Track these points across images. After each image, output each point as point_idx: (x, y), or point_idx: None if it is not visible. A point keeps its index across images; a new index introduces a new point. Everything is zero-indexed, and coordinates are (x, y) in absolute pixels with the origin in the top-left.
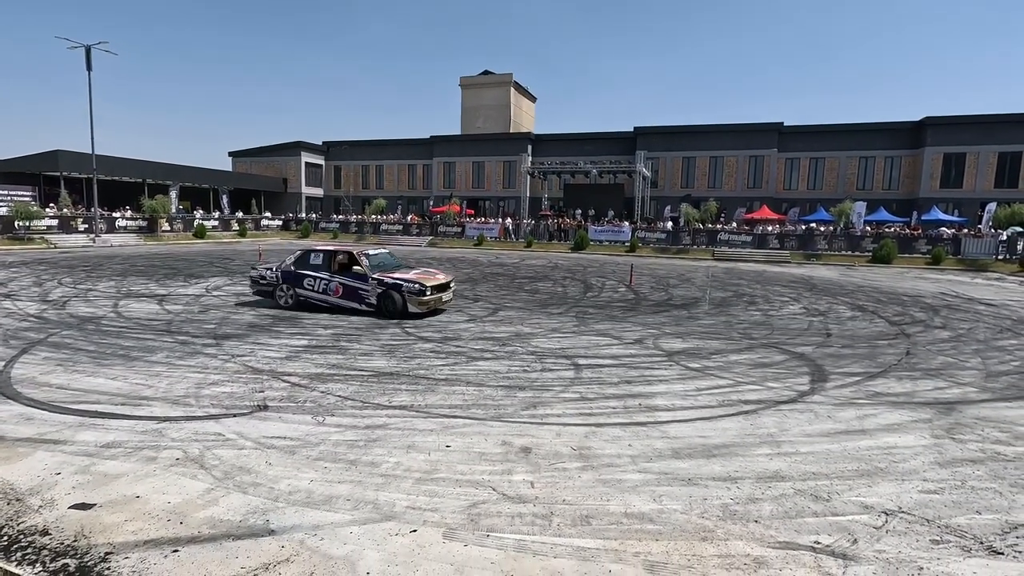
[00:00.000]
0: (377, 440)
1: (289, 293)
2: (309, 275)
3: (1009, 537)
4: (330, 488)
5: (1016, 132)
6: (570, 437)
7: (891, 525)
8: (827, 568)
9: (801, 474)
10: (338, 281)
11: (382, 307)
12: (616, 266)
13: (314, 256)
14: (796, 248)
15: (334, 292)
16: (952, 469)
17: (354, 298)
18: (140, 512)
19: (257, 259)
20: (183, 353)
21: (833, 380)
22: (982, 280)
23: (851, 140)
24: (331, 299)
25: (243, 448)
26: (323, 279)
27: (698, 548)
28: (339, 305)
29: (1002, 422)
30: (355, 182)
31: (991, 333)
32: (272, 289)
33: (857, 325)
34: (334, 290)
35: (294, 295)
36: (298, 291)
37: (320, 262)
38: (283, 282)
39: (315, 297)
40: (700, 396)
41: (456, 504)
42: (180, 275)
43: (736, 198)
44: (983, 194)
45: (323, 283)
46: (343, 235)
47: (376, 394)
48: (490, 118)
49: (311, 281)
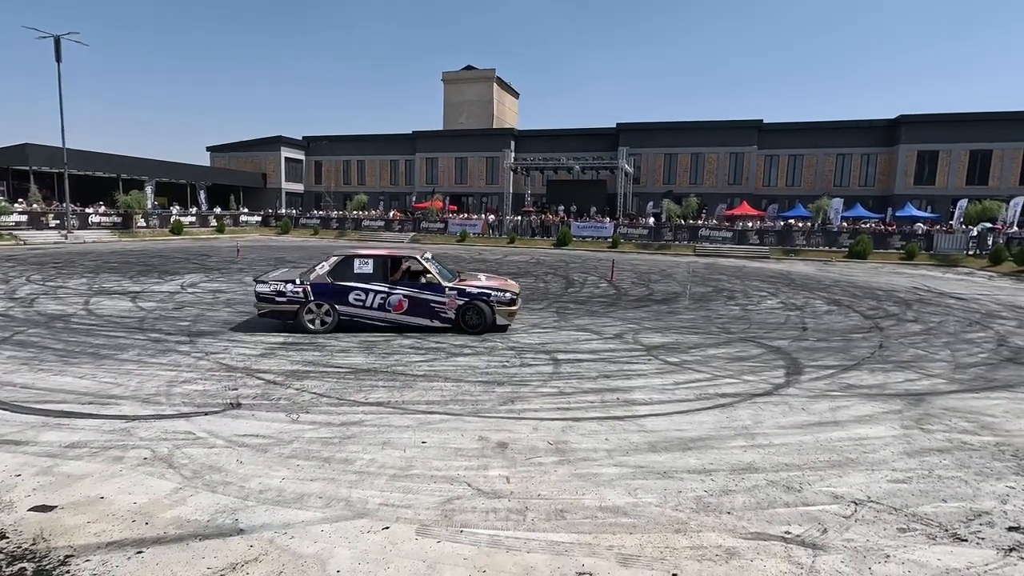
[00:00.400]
0: (352, 437)
1: (323, 312)
2: (357, 288)
3: (973, 524)
4: (302, 486)
5: (986, 130)
6: (547, 432)
7: (860, 514)
8: (797, 558)
9: (774, 465)
10: (402, 293)
11: (461, 321)
12: (598, 262)
13: (360, 263)
14: (775, 244)
15: (395, 307)
16: (920, 459)
17: (424, 313)
18: (104, 513)
19: (235, 255)
20: (155, 351)
21: (808, 373)
22: (953, 275)
23: (829, 138)
24: (391, 316)
25: (214, 447)
26: (379, 292)
27: (671, 540)
28: (401, 323)
29: (969, 412)
30: (336, 177)
31: (960, 326)
32: (296, 309)
33: (832, 319)
34: (395, 305)
35: (334, 314)
36: (340, 308)
37: (371, 270)
38: (315, 298)
39: (367, 316)
40: (678, 390)
41: (430, 500)
42: (155, 272)
43: (717, 194)
44: (955, 191)
45: (379, 297)
46: (324, 231)
47: (352, 391)
48: (473, 114)
49: (360, 295)
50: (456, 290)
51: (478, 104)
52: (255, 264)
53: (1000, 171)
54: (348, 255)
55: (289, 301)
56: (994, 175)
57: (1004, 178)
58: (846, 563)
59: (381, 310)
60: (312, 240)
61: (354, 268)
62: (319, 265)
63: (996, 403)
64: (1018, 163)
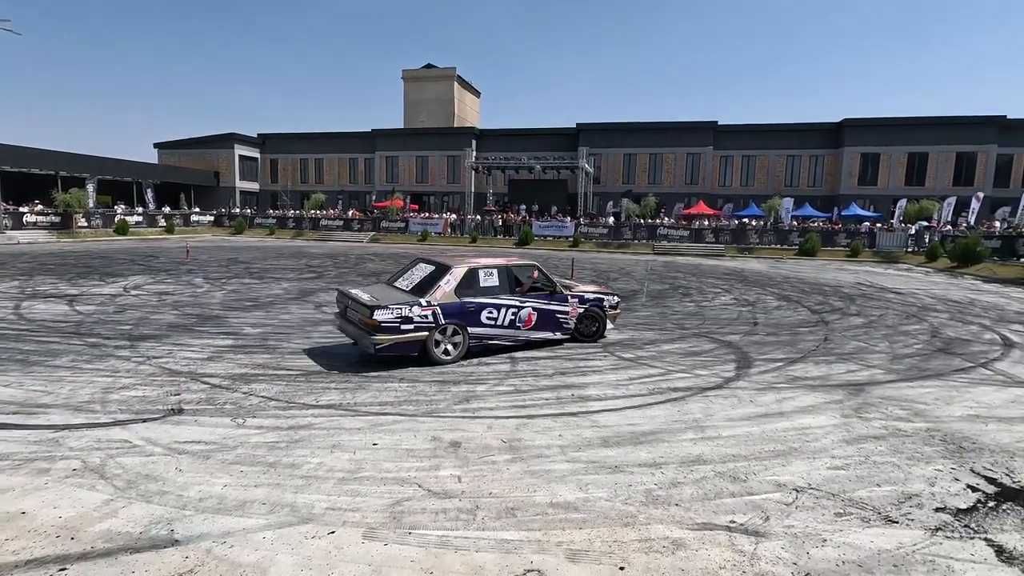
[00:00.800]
0: (300, 441)
1: (451, 336)
2: (488, 304)
3: (904, 507)
4: (245, 492)
5: (922, 134)
6: (501, 430)
7: (800, 501)
8: (740, 546)
9: (722, 457)
10: (531, 306)
11: (578, 331)
12: (559, 260)
13: (485, 275)
14: (730, 242)
15: (525, 323)
16: (858, 446)
17: (550, 326)
18: (25, 529)
19: (185, 257)
20: (91, 356)
21: (757, 366)
22: (894, 271)
23: (780, 139)
24: (521, 333)
25: (151, 455)
26: (510, 307)
27: (620, 534)
28: (528, 340)
29: (903, 400)
30: (293, 176)
31: (898, 319)
32: (425, 338)
33: (782, 314)
34: (525, 320)
35: (464, 338)
36: (472, 331)
37: (496, 283)
38: (447, 321)
39: (498, 336)
40: (632, 385)
41: (379, 503)
42: (96, 274)
43: (674, 194)
44: (895, 191)
45: (510, 312)
46: (280, 231)
47: (303, 393)
48: (433, 112)
49: (492, 312)
50: (576, 298)
51: (439, 103)
52: (206, 265)
53: (935, 173)
54: (473, 268)
55: (417, 328)
56: (930, 176)
57: (939, 179)
58: (786, 549)
59: (512, 327)
60: (269, 240)
61: (480, 281)
62: (443, 281)
63: (928, 391)
64: (951, 165)
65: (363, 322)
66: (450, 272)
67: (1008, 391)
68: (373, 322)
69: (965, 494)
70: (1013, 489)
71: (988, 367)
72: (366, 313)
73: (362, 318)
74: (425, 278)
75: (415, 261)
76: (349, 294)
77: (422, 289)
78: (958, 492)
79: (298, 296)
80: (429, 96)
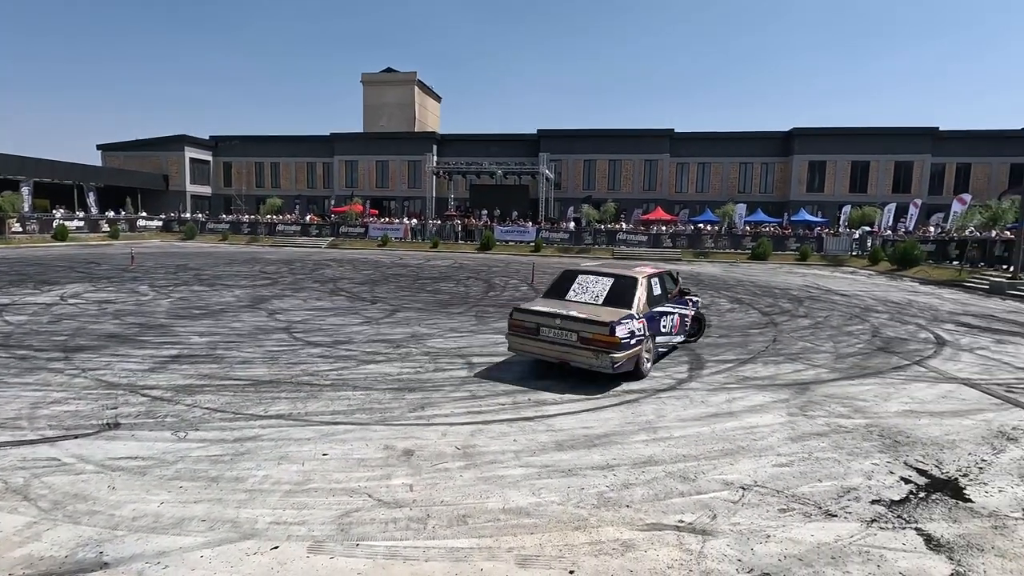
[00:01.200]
0: (246, 453)
1: (650, 350)
2: (663, 313)
3: (842, 500)
4: (183, 509)
5: (865, 143)
6: (456, 436)
7: (747, 499)
8: (687, 545)
9: (673, 457)
10: (678, 312)
11: (691, 332)
12: (521, 265)
13: (656, 282)
14: (686, 247)
15: (674, 328)
16: (802, 443)
17: (682, 329)
18: None
19: (129, 263)
20: (20, 370)
21: (709, 367)
22: (840, 274)
23: (733, 147)
24: (672, 339)
25: (81, 473)
26: (671, 313)
27: (571, 537)
28: (673, 346)
29: (845, 398)
30: (248, 180)
31: (843, 320)
32: (639, 352)
33: (734, 316)
34: (675, 325)
35: (653, 348)
36: (658, 340)
37: (660, 291)
38: (650, 334)
39: (663, 344)
40: (587, 388)
41: (327, 515)
42: (30, 281)
43: (633, 199)
44: (841, 197)
45: (671, 319)
46: (234, 236)
47: (251, 404)
48: (394, 117)
49: (666, 321)
50: (693, 301)
51: (399, 107)
52: (152, 272)
53: (877, 180)
54: (656, 273)
55: (637, 342)
56: (872, 184)
57: (880, 187)
58: (731, 546)
59: (670, 334)
60: (221, 246)
61: (653, 290)
62: (635, 291)
63: (868, 388)
64: (891, 174)
65: (595, 340)
66: (639, 283)
67: (939, 387)
68: (615, 340)
69: (899, 486)
70: (941, 480)
71: (922, 364)
72: (602, 331)
73: (592, 335)
74: (613, 290)
75: (571, 273)
76: (557, 313)
77: (620, 301)
78: (892, 484)
79: (251, 304)
80: (389, 100)
